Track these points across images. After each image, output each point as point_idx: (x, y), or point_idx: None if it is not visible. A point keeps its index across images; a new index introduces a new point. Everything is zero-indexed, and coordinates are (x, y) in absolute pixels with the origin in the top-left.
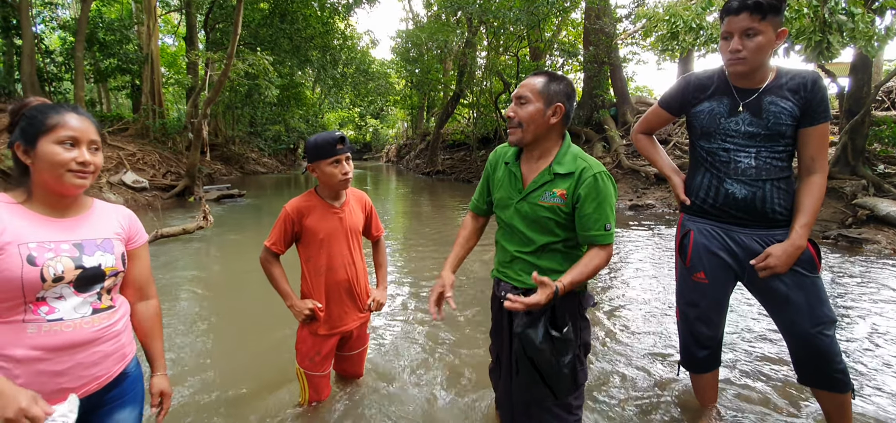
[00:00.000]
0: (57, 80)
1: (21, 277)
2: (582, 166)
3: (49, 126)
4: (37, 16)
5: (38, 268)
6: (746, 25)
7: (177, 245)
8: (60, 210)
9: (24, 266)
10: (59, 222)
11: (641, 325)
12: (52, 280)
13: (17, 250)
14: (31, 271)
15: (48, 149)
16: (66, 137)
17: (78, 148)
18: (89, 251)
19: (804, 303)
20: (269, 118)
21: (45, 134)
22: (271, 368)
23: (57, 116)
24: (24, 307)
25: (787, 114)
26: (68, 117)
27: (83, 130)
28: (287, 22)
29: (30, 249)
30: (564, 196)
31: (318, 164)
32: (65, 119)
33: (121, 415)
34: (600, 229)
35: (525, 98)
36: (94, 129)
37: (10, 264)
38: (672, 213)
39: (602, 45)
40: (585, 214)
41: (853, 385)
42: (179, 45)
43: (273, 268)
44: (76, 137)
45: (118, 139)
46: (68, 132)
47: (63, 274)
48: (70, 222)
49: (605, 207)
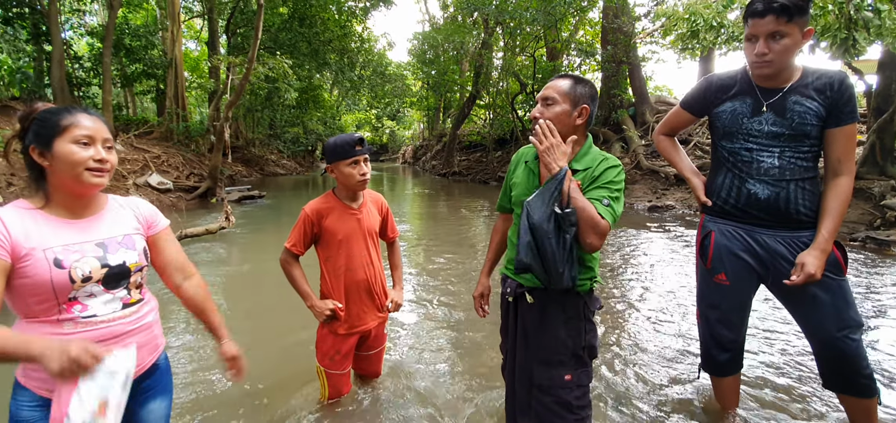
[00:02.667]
0: (85, 84)
1: (50, 280)
2: (599, 160)
3: (63, 126)
4: (65, 22)
5: (65, 270)
6: (772, 28)
7: (200, 245)
8: (79, 211)
9: (53, 270)
10: (80, 223)
11: (661, 326)
12: (80, 281)
13: (44, 255)
14: (60, 274)
15: (65, 149)
16: (82, 135)
17: (93, 146)
18: (112, 250)
19: (830, 306)
20: (289, 121)
21: (60, 135)
22: (292, 366)
23: (70, 117)
24: (58, 307)
25: (813, 114)
26: (81, 117)
27: (97, 129)
28: (306, 26)
29: (56, 252)
30: (580, 186)
31: (336, 165)
32: (78, 119)
33: (153, 405)
34: (598, 202)
35: (552, 99)
36: (106, 128)
37: (38, 268)
38: (692, 214)
39: (620, 44)
40: (589, 190)
41: (879, 391)
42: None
43: (293, 269)
44: (91, 135)
45: (143, 142)
46: (83, 131)
47: (91, 274)
48: (90, 223)
49: (609, 189)
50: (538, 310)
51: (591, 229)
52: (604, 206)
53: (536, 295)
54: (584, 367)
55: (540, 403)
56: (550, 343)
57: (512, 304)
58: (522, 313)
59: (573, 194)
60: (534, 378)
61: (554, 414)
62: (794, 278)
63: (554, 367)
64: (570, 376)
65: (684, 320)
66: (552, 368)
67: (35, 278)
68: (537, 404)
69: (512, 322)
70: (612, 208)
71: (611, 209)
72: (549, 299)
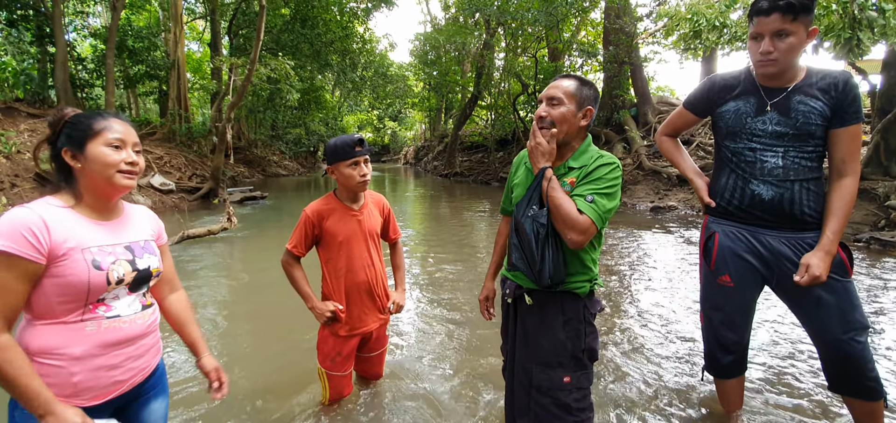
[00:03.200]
0: (89, 86)
1: (88, 281)
2: (595, 157)
3: (97, 130)
4: (69, 24)
5: (104, 272)
6: (778, 27)
7: (202, 246)
8: (107, 213)
9: (91, 271)
10: (108, 225)
11: (664, 328)
12: (115, 283)
13: (82, 255)
14: (98, 276)
15: (99, 151)
16: (115, 139)
17: (125, 149)
18: (139, 254)
19: (836, 308)
20: (291, 122)
21: (94, 138)
22: (293, 367)
23: (103, 121)
24: (84, 308)
25: (817, 114)
26: (113, 122)
27: (128, 133)
28: (308, 27)
29: (93, 254)
30: (574, 183)
31: (337, 166)
32: (111, 124)
33: (154, 405)
34: (581, 198)
35: (558, 99)
36: (134, 133)
37: (77, 269)
38: (695, 215)
39: (622, 44)
40: (578, 186)
41: (886, 394)
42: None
43: (294, 270)
44: (123, 139)
45: (146, 143)
46: (116, 135)
47: (124, 276)
48: (116, 226)
49: (598, 184)
50: (537, 311)
51: (567, 226)
52: (587, 202)
53: (535, 296)
54: (583, 369)
55: (538, 404)
56: (549, 345)
57: (512, 305)
58: (522, 314)
59: (550, 193)
60: (533, 380)
61: (552, 416)
62: (798, 279)
63: (553, 369)
64: (570, 378)
65: (687, 321)
66: (551, 369)
67: (71, 277)
68: (536, 405)
69: (511, 324)
70: (596, 204)
71: (594, 205)
72: (548, 300)
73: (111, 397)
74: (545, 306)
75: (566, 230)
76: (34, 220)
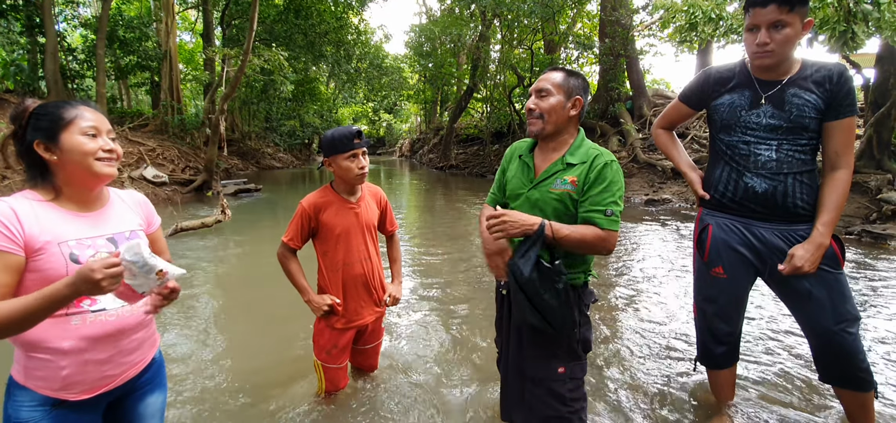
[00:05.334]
0: (79, 77)
1: (66, 275)
2: (594, 154)
3: (68, 119)
4: (59, 14)
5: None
6: (774, 18)
7: (196, 239)
8: (88, 204)
9: (69, 265)
10: (89, 217)
11: (657, 319)
12: None
13: (59, 249)
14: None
15: (75, 140)
16: (88, 127)
17: (101, 136)
18: (121, 244)
19: (827, 300)
20: (285, 113)
21: (66, 127)
22: (290, 359)
23: (74, 110)
24: None
25: (812, 106)
26: (84, 110)
27: (101, 120)
28: (302, 17)
29: (71, 247)
30: (575, 183)
31: (334, 158)
32: (82, 112)
33: (151, 398)
34: (600, 214)
35: (546, 91)
36: (106, 120)
37: (54, 263)
38: (689, 207)
39: (618, 37)
40: (589, 195)
41: (876, 384)
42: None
43: (290, 263)
44: (97, 126)
45: (138, 135)
46: (89, 122)
47: None
48: (98, 216)
49: (611, 191)
50: None
51: (592, 250)
52: (607, 217)
53: None
54: (577, 360)
55: (533, 395)
56: (544, 336)
57: (506, 297)
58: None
59: (559, 236)
60: (527, 371)
61: (546, 406)
62: (782, 268)
63: (547, 360)
64: (564, 368)
65: (681, 313)
66: (545, 360)
67: (49, 272)
68: (530, 396)
69: (506, 316)
70: (616, 215)
71: (614, 219)
72: None
73: (102, 390)
74: None
75: (593, 252)
76: (4, 211)
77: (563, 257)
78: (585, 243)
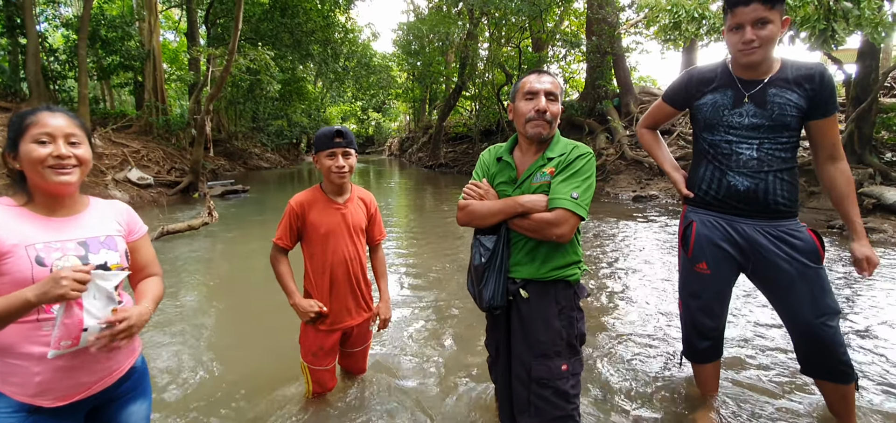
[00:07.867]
0: (61, 77)
1: (32, 278)
2: (572, 147)
3: (25, 127)
4: (40, 14)
5: (47, 268)
6: (758, 15)
7: (182, 241)
8: (60, 210)
9: (34, 267)
10: (62, 222)
11: (644, 315)
12: None
13: (25, 251)
14: (42, 272)
15: (26, 148)
16: (40, 133)
17: (53, 143)
18: (94, 249)
19: (808, 293)
20: (272, 113)
21: (23, 136)
22: (277, 361)
23: (32, 117)
24: (38, 308)
25: (793, 105)
26: (41, 115)
27: (57, 126)
28: (288, 16)
29: (37, 250)
30: (553, 173)
31: (318, 155)
32: (37, 118)
33: (133, 407)
34: (567, 196)
35: (555, 96)
36: (70, 122)
37: (20, 265)
38: (676, 203)
39: (605, 34)
40: (557, 183)
41: (857, 376)
42: (181, 41)
43: (281, 265)
44: (50, 133)
45: (122, 136)
46: (41, 129)
47: None
48: (72, 221)
49: (578, 179)
50: (533, 304)
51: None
52: (573, 199)
53: (531, 289)
54: (576, 355)
55: (539, 397)
56: (547, 336)
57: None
58: (517, 309)
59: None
60: (532, 373)
61: (553, 406)
62: (866, 274)
63: (552, 358)
64: (566, 365)
65: (666, 308)
66: (550, 360)
67: (16, 274)
68: (536, 398)
69: (503, 321)
70: (581, 199)
71: (579, 201)
72: (543, 291)
73: (77, 398)
74: (541, 297)
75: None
76: None
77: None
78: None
